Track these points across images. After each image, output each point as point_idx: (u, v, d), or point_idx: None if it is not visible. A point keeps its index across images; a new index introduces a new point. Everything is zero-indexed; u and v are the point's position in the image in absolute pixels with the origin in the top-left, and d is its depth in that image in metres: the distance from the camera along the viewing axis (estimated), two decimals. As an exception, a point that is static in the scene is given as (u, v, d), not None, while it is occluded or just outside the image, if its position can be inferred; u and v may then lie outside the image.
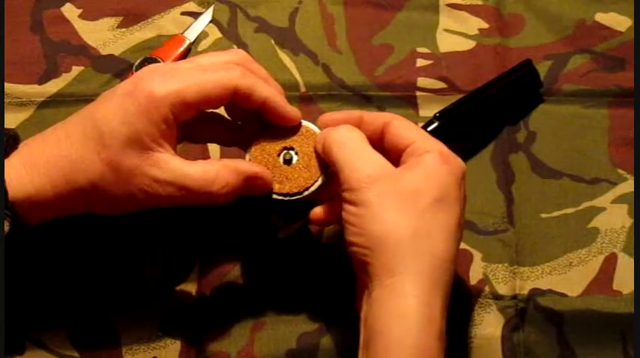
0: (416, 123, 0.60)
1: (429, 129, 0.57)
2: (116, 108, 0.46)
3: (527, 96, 0.61)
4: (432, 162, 0.45)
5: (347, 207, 0.45)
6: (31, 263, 0.56)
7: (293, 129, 0.51)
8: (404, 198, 0.44)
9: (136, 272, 0.56)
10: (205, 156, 0.59)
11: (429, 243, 0.43)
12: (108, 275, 0.56)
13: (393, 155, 0.48)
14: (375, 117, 0.49)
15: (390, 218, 0.43)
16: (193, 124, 0.49)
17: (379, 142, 0.49)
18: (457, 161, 0.46)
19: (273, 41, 0.64)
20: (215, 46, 0.63)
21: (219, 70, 0.48)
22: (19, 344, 0.54)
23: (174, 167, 0.47)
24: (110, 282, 0.56)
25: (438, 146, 0.47)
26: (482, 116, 0.60)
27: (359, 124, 0.49)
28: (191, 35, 0.63)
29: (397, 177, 0.45)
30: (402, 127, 0.48)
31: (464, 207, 0.47)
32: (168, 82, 0.46)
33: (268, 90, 0.49)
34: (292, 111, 0.50)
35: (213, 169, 0.47)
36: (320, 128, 0.51)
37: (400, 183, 0.44)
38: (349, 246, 0.45)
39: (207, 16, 0.64)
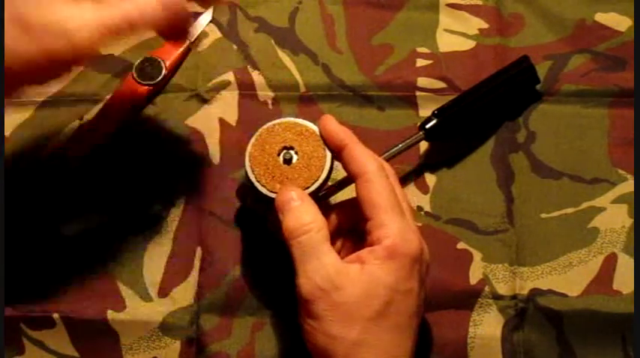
0: (415, 123, 0.60)
1: (428, 126, 0.57)
2: None
3: (524, 92, 0.61)
4: (377, 267, 0.45)
5: (302, 313, 0.46)
6: (32, 263, 0.56)
7: (293, 128, 0.51)
8: (348, 311, 0.45)
9: (136, 273, 0.56)
10: (205, 154, 0.59)
11: (375, 346, 0.45)
12: (108, 276, 0.56)
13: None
14: (356, 158, 0.48)
15: (336, 332, 0.45)
16: None
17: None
18: (407, 248, 0.46)
19: (273, 41, 0.64)
20: (215, 46, 0.63)
21: None
22: (20, 345, 0.54)
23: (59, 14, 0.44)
24: (110, 282, 0.56)
25: (391, 233, 0.46)
26: (480, 113, 0.60)
27: (341, 148, 0.49)
28: (191, 35, 0.63)
29: (343, 288, 0.45)
30: (370, 189, 0.47)
31: (422, 287, 0.47)
32: None
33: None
34: None
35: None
36: (320, 128, 0.50)
37: (345, 296, 0.45)
38: (306, 344, 0.47)
39: (207, 16, 0.64)
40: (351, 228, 0.50)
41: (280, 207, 0.49)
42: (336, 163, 0.51)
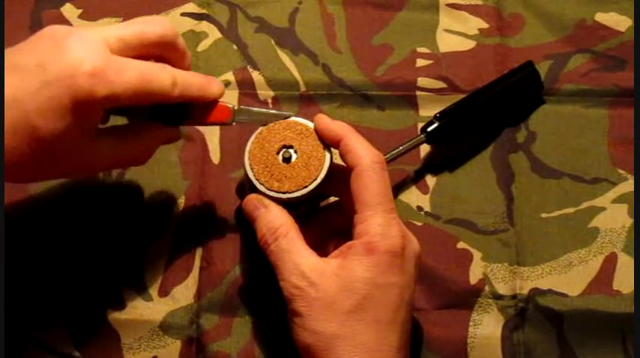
0: (416, 123, 0.60)
1: (429, 129, 0.57)
2: (50, 100, 0.44)
3: (528, 98, 0.61)
4: (355, 262, 0.46)
5: (287, 313, 0.47)
6: (32, 262, 0.56)
7: (293, 127, 0.51)
8: (326, 306, 0.45)
9: (136, 272, 0.56)
10: (205, 158, 0.59)
11: (356, 340, 0.45)
12: (108, 275, 0.56)
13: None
14: (350, 150, 0.48)
15: (315, 326, 0.45)
16: None
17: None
18: (386, 244, 0.46)
19: (273, 41, 0.64)
20: (215, 47, 0.63)
21: (155, 72, 0.47)
22: (20, 344, 0.54)
23: (108, 147, 0.48)
24: (110, 281, 0.56)
25: (371, 229, 0.46)
26: (483, 117, 0.60)
27: (338, 143, 0.49)
28: (236, 119, 0.52)
29: (318, 284, 0.46)
30: (360, 182, 0.47)
31: (409, 281, 0.47)
32: (105, 83, 0.44)
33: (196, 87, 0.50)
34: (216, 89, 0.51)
35: (143, 143, 0.50)
36: (315, 126, 0.50)
37: (321, 291, 0.46)
38: (294, 343, 0.47)
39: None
40: (345, 229, 0.50)
41: (248, 217, 0.50)
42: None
